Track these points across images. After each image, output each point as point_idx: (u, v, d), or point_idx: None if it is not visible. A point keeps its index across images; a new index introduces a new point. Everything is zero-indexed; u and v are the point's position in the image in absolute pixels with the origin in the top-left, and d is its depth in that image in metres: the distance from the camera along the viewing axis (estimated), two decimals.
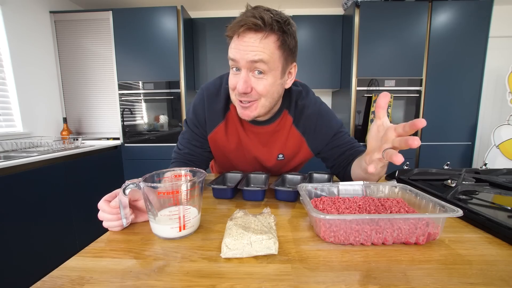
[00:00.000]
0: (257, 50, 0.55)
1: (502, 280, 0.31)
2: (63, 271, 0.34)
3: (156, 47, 2.20)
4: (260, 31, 0.55)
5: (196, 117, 0.75)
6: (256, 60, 0.55)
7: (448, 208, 0.41)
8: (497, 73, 2.57)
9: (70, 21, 2.25)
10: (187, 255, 0.38)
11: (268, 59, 0.56)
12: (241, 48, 0.56)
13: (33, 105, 2.06)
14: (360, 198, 0.52)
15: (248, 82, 0.58)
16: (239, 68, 0.59)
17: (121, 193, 0.42)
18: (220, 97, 0.73)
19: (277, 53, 0.57)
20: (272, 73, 0.59)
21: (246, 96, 0.60)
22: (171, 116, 2.31)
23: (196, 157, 0.77)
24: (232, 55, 0.58)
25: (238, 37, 0.56)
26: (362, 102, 2.20)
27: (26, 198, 1.42)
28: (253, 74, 0.58)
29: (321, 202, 0.51)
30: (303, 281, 0.32)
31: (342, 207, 0.48)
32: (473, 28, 2.07)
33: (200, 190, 0.46)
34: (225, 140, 0.76)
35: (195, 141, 0.76)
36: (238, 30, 0.55)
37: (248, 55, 0.55)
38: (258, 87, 0.59)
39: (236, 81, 0.60)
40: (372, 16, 2.09)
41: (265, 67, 0.57)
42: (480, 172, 0.80)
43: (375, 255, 0.38)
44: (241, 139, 0.76)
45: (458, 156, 2.22)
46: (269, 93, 0.61)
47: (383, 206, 0.48)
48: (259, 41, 0.55)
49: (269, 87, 0.60)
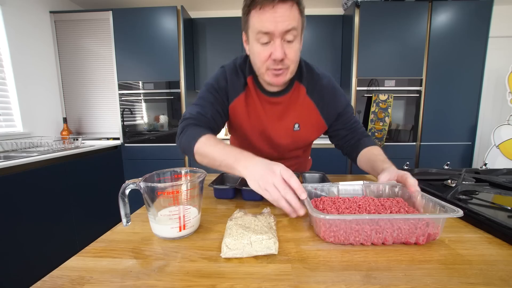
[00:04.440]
0: (289, 19, 0.58)
1: (502, 280, 0.31)
2: (63, 271, 0.34)
3: (156, 47, 2.20)
4: (288, 1, 0.57)
5: (218, 83, 0.75)
6: (290, 29, 0.58)
7: (448, 208, 0.41)
8: (497, 73, 2.57)
9: (70, 21, 2.25)
10: (187, 255, 0.38)
11: (297, 26, 0.60)
12: (275, 19, 0.57)
13: (33, 105, 2.06)
14: (360, 198, 0.52)
15: (283, 49, 0.61)
16: (271, 39, 0.60)
17: (120, 194, 0.42)
18: (239, 74, 0.75)
19: (301, 20, 0.62)
20: (297, 38, 0.63)
21: (281, 63, 0.63)
22: (171, 116, 2.30)
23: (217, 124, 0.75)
24: (265, 28, 0.58)
25: (272, 8, 0.57)
26: (362, 102, 2.20)
27: (26, 198, 1.42)
28: (284, 42, 0.61)
29: (321, 202, 0.51)
30: (303, 281, 0.32)
31: (342, 207, 0.48)
32: (473, 28, 2.07)
33: (200, 190, 0.46)
34: (245, 111, 0.77)
35: (218, 106, 0.75)
36: (272, 2, 0.56)
37: (283, 25, 0.57)
38: (290, 53, 0.62)
39: (267, 52, 0.62)
40: (372, 16, 2.09)
41: (296, 33, 0.61)
42: (480, 172, 0.80)
43: (375, 255, 0.38)
44: (258, 112, 0.77)
45: (458, 156, 2.22)
46: (296, 58, 0.66)
47: (383, 206, 0.48)
48: (289, 11, 0.57)
49: (297, 52, 0.64)
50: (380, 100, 2.11)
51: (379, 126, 2.14)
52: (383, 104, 2.11)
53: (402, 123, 2.22)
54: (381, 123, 2.13)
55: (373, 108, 2.13)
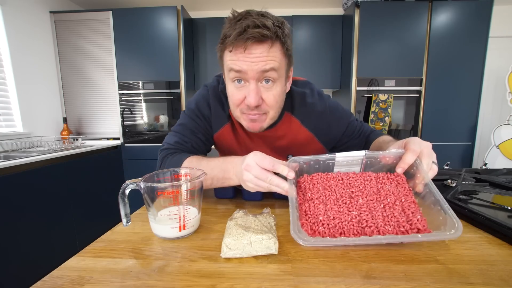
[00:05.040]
0: (267, 59, 0.51)
1: (502, 280, 0.31)
2: (63, 271, 0.34)
3: (156, 47, 2.20)
4: (267, 41, 0.51)
5: (200, 111, 0.69)
6: (267, 69, 0.52)
7: (449, 221, 0.37)
8: (497, 73, 2.57)
9: (70, 21, 2.25)
10: (187, 255, 0.38)
11: (278, 67, 0.53)
12: (249, 59, 0.51)
13: (33, 105, 2.06)
14: (356, 178, 0.47)
15: (259, 94, 0.54)
16: (246, 79, 0.54)
17: (120, 194, 0.42)
18: (223, 102, 0.69)
19: (284, 60, 0.55)
20: (279, 80, 0.56)
21: (257, 109, 0.57)
22: (171, 116, 2.31)
23: (200, 151, 0.70)
24: (237, 67, 0.52)
25: (244, 51, 0.50)
26: (362, 102, 2.20)
27: (26, 198, 1.42)
28: (261, 84, 0.55)
29: (311, 185, 0.47)
30: (303, 281, 0.32)
31: (332, 197, 0.44)
32: (473, 28, 2.07)
33: (200, 190, 0.46)
34: (233, 140, 0.72)
35: (200, 134, 0.69)
36: (244, 44, 0.50)
37: (258, 65, 0.51)
38: (268, 98, 0.56)
39: (241, 95, 0.56)
40: (372, 16, 2.09)
41: (275, 75, 0.54)
42: (480, 172, 0.80)
43: (375, 255, 0.38)
44: (248, 145, 0.73)
45: (458, 156, 2.22)
46: (278, 104, 0.59)
47: (379, 192, 0.44)
48: (267, 52, 0.51)
49: (278, 97, 0.57)
50: (380, 100, 2.11)
51: (379, 126, 2.14)
52: (383, 104, 2.11)
53: (402, 123, 2.22)
54: (381, 123, 2.13)
55: (373, 108, 2.13)
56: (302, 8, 2.69)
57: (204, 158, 0.60)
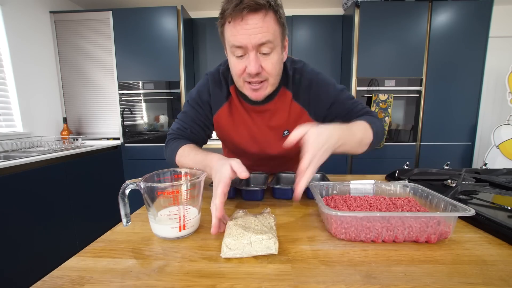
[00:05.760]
0: (262, 31, 0.55)
1: (502, 280, 0.31)
2: (63, 271, 0.34)
3: (156, 47, 2.20)
4: (260, 10, 0.54)
5: (200, 97, 0.76)
6: (264, 42, 0.56)
7: (460, 207, 0.41)
8: (497, 73, 2.57)
9: (70, 21, 2.25)
10: (187, 255, 0.38)
11: (273, 38, 0.57)
12: (247, 32, 0.55)
13: (33, 105, 2.06)
14: (371, 197, 0.52)
15: (258, 62, 0.59)
16: (246, 52, 0.58)
17: (120, 194, 0.42)
18: (221, 84, 0.74)
19: (278, 29, 0.58)
20: (276, 50, 0.60)
21: (258, 76, 0.61)
22: (171, 116, 2.30)
23: (199, 137, 0.78)
24: (238, 42, 0.56)
25: (241, 21, 0.54)
26: (362, 102, 2.20)
27: (26, 198, 1.42)
28: (260, 54, 0.59)
29: (332, 200, 0.51)
30: (303, 281, 0.32)
31: (354, 205, 0.48)
32: (473, 28, 2.07)
33: (200, 190, 0.46)
34: (230, 121, 0.76)
35: (199, 121, 0.76)
36: (240, 14, 0.53)
37: (255, 38, 0.55)
38: (267, 66, 0.60)
39: (242, 65, 0.60)
40: (372, 16, 2.09)
41: (272, 46, 0.58)
42: (480, 172, 0.80)
43: (375, 255, 0.38)
44: (245, 121, 0.76)
45: (458, 156, 2.22)
46: (276, 70, 0.63)
47: (394, 205, 0.48)
48: (262, 21, 0.54)
49: (276, 64, 0.61)
50: (380, 100, 2.11)
51: None
52: (383, 104, 2.11)
53: (402, 123, 2.22)
54: None
55: (373, 108, 2.12)
56: (302, 8, 2.69)
57: (194, 150, 0.67)
